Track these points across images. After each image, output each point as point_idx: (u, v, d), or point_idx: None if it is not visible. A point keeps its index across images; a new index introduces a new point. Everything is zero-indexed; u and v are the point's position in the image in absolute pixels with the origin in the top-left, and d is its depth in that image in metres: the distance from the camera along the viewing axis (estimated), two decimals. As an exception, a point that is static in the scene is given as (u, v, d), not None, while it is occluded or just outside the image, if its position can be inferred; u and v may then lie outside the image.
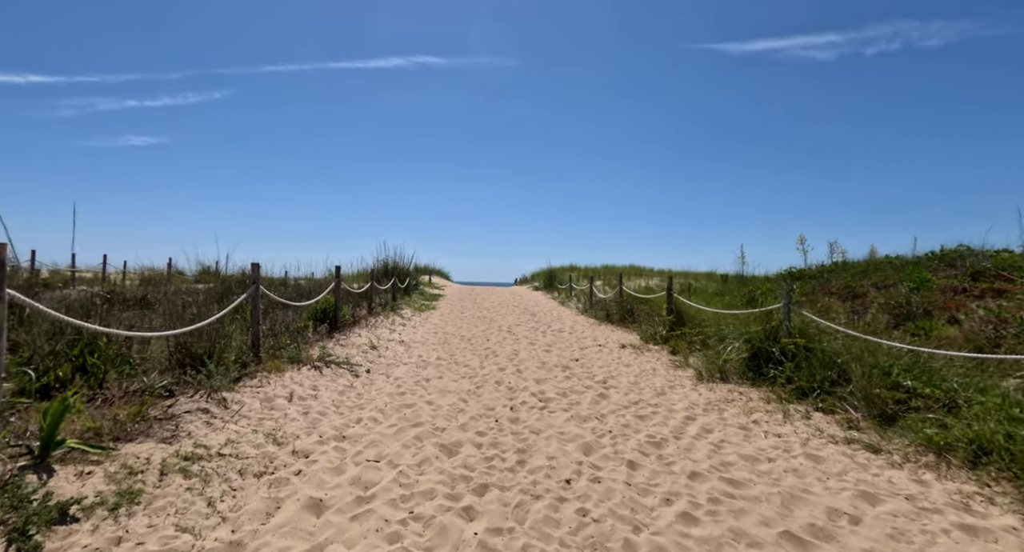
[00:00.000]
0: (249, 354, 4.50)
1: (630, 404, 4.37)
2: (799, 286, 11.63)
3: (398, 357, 6.18)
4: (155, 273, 19.37)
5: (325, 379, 4.65)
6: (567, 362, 6.20)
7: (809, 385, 4.32)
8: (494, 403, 4.31)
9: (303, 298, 9.63)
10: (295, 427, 3.36)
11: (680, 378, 5.40)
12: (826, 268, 12.80)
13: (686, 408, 4.26)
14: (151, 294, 8.46)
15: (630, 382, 5.20)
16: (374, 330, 7.83)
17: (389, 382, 4.90)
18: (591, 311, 11.74)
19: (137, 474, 2.29)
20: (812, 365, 4.47)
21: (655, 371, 5.77)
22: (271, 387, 4.08)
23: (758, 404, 4.28)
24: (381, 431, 3.44)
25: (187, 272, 18.31)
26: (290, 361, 4.85)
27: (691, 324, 7.30)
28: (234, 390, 3.78)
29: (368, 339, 6.96)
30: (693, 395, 4.69)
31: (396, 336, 7.66)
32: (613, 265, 26.08)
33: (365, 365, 5.46)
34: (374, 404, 4.10)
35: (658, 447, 3.35)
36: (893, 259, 10.97)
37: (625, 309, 9.89)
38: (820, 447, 3.31)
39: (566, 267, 26.89)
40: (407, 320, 9.58)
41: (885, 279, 9.35)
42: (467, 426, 3.67)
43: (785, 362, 4.77)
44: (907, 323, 6.70)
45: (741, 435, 3.58)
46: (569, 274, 20.88)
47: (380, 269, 13.97)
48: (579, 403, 4.38)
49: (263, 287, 10.18)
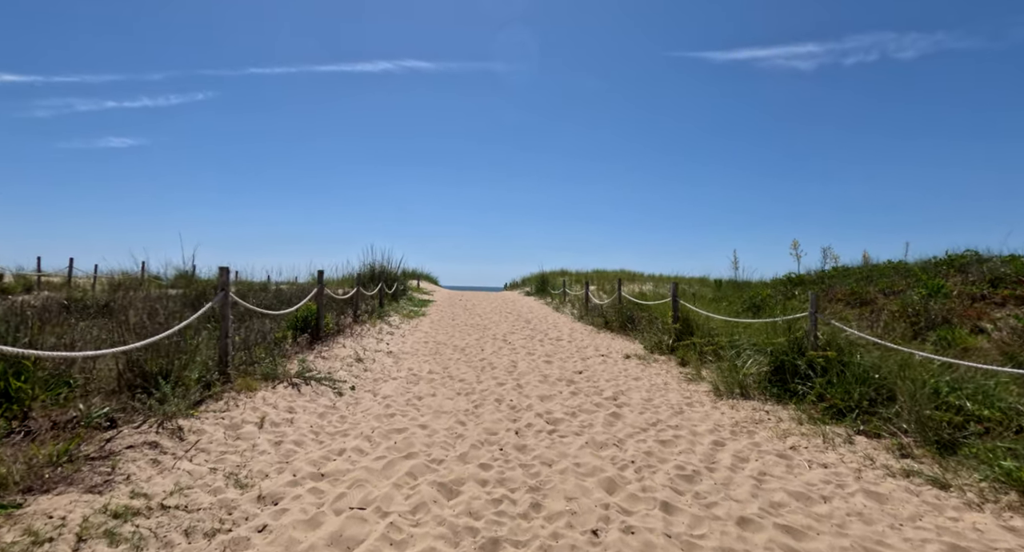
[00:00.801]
0: (216, 371, 3.93)
1: (648, 426, 3.91)
2: (800, 292, 11.33)
3: (386, 371, 5.64)
4: (128, 277, 18.49)
5: (303, 399, 4.11)
6: (570, 375, 5.72)
7: (845, 404, 3.90)
8: (496, 426, 3.81)
9: (284, 305, 9.03)
10: (264, 462, 2.83)
11: (696, 394, 4.95)
12: (826, 274, 12.55)
13: (711, 430, 3.80)
14: (116, 300, 7.80)
15: (643, 398, 4.74)
16: (360, 340, 7.28)
17: (376, 401, 4.36)
18: (588, 318, 11.30)
19: (43, 544, 1.74)
20: (847, 381, 4.05)
21: (667, 385, 5.32)
22: (239, 411, 3.53)
23: (790, 426, 3.85)
24: (367, 465, 2.92)
25: (163, 277, 17.44)
26: (264, 378, 4.30)
27: (700, 333, 6.89)
28: (194, 416, 3.22)
29: (353, 350, 6.41)
30: (715, 414, 4.24)
31: (384, 346, 7.12)
32: (604, 270, 25.77)
33: (349, 381, 4.92)
34: (359, 429, 3.57)
35: (691, 481, 2.88)
36: (897, 264, 10.73)
37: (625, 316, 9.46)
38: (877, 481, 2.87)
39: (557, 272, 26.51)
40: (395, 328, 9.03)
41: (892, 285, 9.06)
42: (468, 456, 3.17)
43: (814, 377, 4.36)
44: (927, 332, 6.37)
45: (782, 465, 3.13)
46: (562, 279, 20.47)
47: (367, 274, 13.38)
48: (591, 425, 3.90)
49: (236, 294, 9.53)
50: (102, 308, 7.22)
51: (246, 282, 13.58)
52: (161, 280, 17.00)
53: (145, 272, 18.24)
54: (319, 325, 6.52)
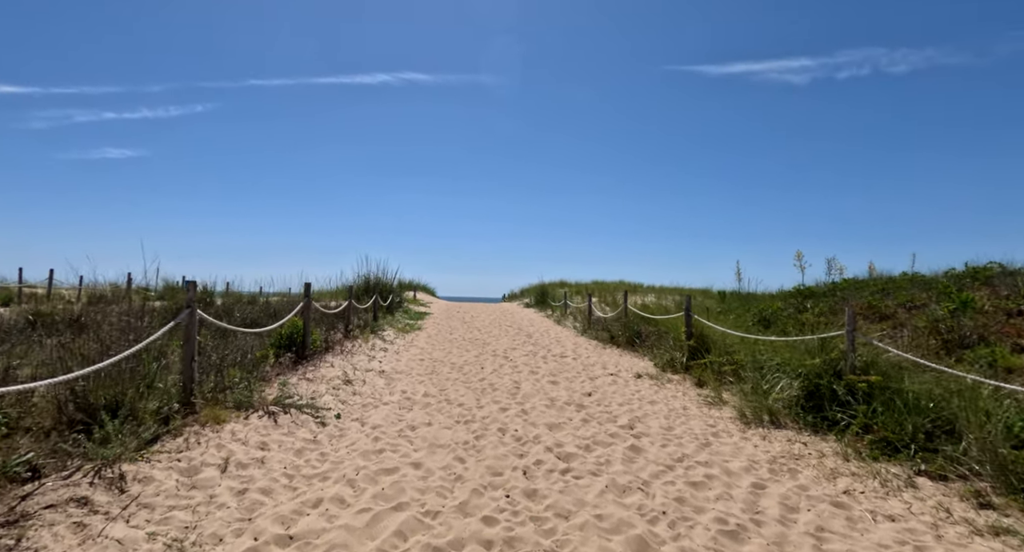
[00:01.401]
0: (178, 401, 3.43)
1: (673, 462, 3.42)
2: (813, 305, 10.89)
3: (377, 394, 5.14)
4: (116, 288, 17.90)
5: (280, 431, 3.60)
6: (579, 398, 5.23)
7: (897, 437, 3.42)
8: (501, 464, 3.31)
9: (272, 319, 8.52)
10: (220, 521, 2.32)
11: (720, 421, 4.47)
12: (837, 286, 12.13)
13: (747, 468, 3.31)
14: (88, 315, 7.28)
15: (662, 427, 4.25)
16: (350, 357, 6.77)
17: (364, 432, 3.86)
18: (591, 331, 10.82)
19: None
20: (897, 410, 3.58)
21: (686, 410, 4.83)
22: (200, 450, 3.02)
23: (837, 463, 3.36)
24: (348, 522, 2.42)
25: (153, 288, 16.87)
26: (236, 406, 3.79)
27: (716, 350, 6.42)
28: (143, 459, 2.72)
29: (342, 370, 5.90)
30: (747, 447, 3.75)
31: (376, 364, 6.61)
32: (603, 281, 25.35)
33: (335, 408, 4.41)
34: (342, 470, 3.07)
35: (738, 540, 2.39)
36: (913, 276, 10.33)
37: (632, 331, 8.98)
38: (963, 542, 2.39)
39: (556, 283, 26.07)
40: (389, 344, 8.52)
41: (912, 298, 8.64)
42: (468, 506, 2.67)
43: (855, 404, 3.89)
44: (960, 351, 5.92)
45: (841, 518, 2.64)
46: (563, 290, 20.02)
47: (360, 286, 12.89)
48: (609, 462, 3.41)
49: (222, 308, 9.01)
50: (72, 323, 6.70)
51: (235, 294, 13.07)
52: (150, 291, 16.45)
53: (132, 284, 17.70)
54: (305, 343, 6.02)
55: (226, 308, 9.39)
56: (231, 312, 9.17)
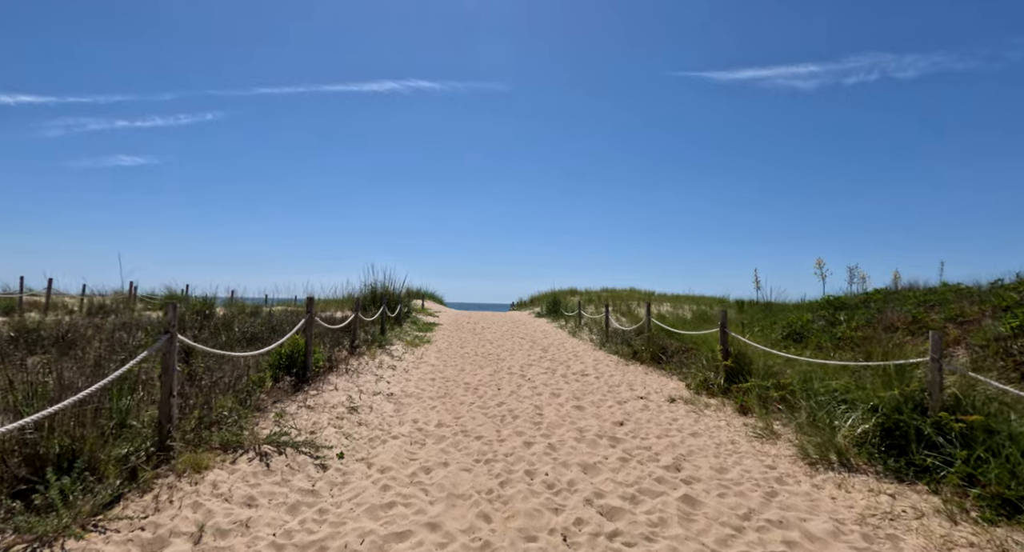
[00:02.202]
0: (153, 445, 2.91)
1: (740, 521, 2.84)
2: (846, 318, 10.25)
3: (386, 424, 4.59)
4: (120, 296, 17.58)
5: (272, 480, 3.07)
6: (611, 428, 4.66)
7: (1015, 494, 2.82)
8: (535, 524, 2.75)
9: (274, 333, 8.03)
10: (184, 626, 1.78)
11: (778, 459, 3.87)
12: (870, 296, 11.47)
13: (833, 533, 2.72)
14: (77, 330, 6.82)
15: (714, 468, 3.67)
16: (356, 378, 6.24)
17: (370, 478, 3.31)
18: (610, 345, 10.23)
19: None
20: (1012, 459, 2.98)
21: (735, 445, 4.24)
22: (171, 512, 2.49)
23: (944, 527, 2.77)
24: (349, 622, 1.87)
25: (157, 296, 16.53)
26: (223, 447, 3.27)
27: (757, 371, 5.82)
28: (98, 527, 2.19)
29: (347, 394, 5.37)
30: (823, 499, 3.16)
31: (384, 386, 6.07)
32: (614, 289, 24.73)
33: (337, 444, 3.87)
34: (343, 538, 2.52)
35: None
36: (958, 287, 9.65)
37: (657, 346, 8.39)
38: None
39: (566, 291, 25.49)
40: (398, 360, 7.98)
41: (962, 312, 7.99)
42: (501, 595, 2.11)
43: (948, 447, 3.29)
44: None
45: (982, 615, 2.05)
46: (577, 299, 19.45)
47: (367, 296, 12.41)
48: (664, 521, 2.84)
49: (222, 321, 8.52)
50: (59, 340, 6.24)
51: (238, 304, 12.63)
52: (155, 300, 16.09)
53: (135, 292, 17.36)
54: (307, 363, 5.50)
55: (226, 321, 8.92)
56: (231, 325, 8.70)
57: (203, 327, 8.23)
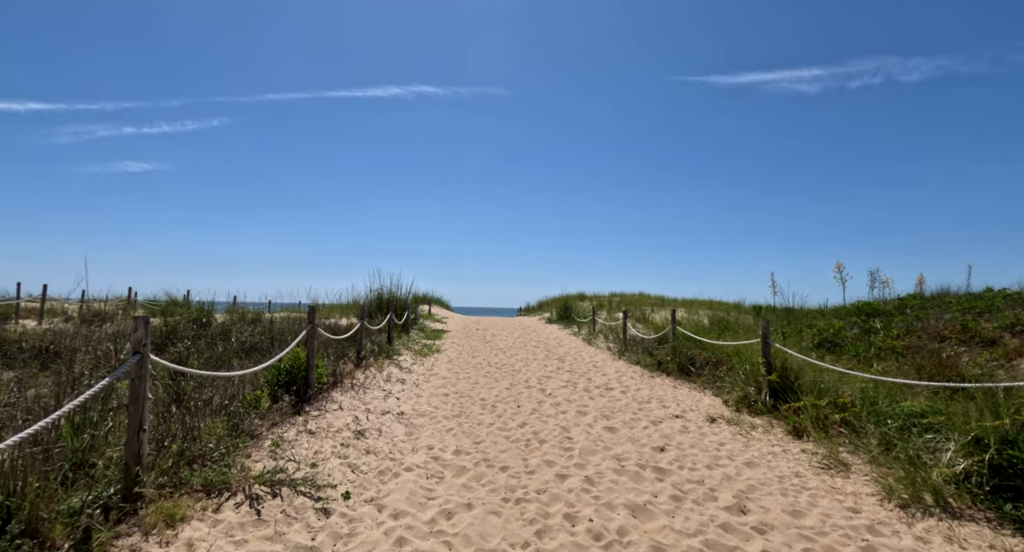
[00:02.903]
0: (118, 489, 2.37)
1: (844, 591, 2.26)
2: (882, 325, 9.63)
3: (397, 452, 4.04)
4: (121, 303, 17.11)
5: (263, 533, 2.52)
6: (651, 455, 4.09)
7: None
8: (588, 598, 2.19)
9: (273, 343, 7.51)
10: None
11: (860, 500, 3.29)
12: (906, 302, 10.84)
13: (967, 609, 2.15)
14: (61, 341, 6.32)
15: (786, 511, 3.09)
16: (362, 394, 5.70)
17: (382, 527, 2.76)
18: (630, 355, 9.65)
19: None
20: None
21: (800, 478, 3.66)
22: (131, 590, 1.95)
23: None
24: None
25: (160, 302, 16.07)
26: (205, 488, 2.73)
27: (806, 387, 5.24)
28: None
29: (352, 414, 4.82)
30: (935, 558, 2.58)
31: (393, 404, 5.53)
32: (624, 293, 24.11)
33: (342, 481, 3.31)
34: (350, 620, 1.97)
35: None
36: (1006, 292, 9.02)
37: (684, 357, 7.80)
38: None
39: (575, 295, 24.89)
40: (407, 372, 7.44)
41: (1018, 320, 7.36)
42: None
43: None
44: None
45: None
46: (590, 305, 18.87)
47: (373, 302, 11.89)
48: (748, 591, 2.27)
49: (220, 329, 8.01)
50: (40, 352, 5.74)
51: (240, 310, 12.14)
52: (156, 305, 15.61)
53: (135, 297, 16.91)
54: (308, 379, 4.96)
55: (224, 330, 8.41)
56: (228, 335, 8.19)
57: (199, 337, 7.73)
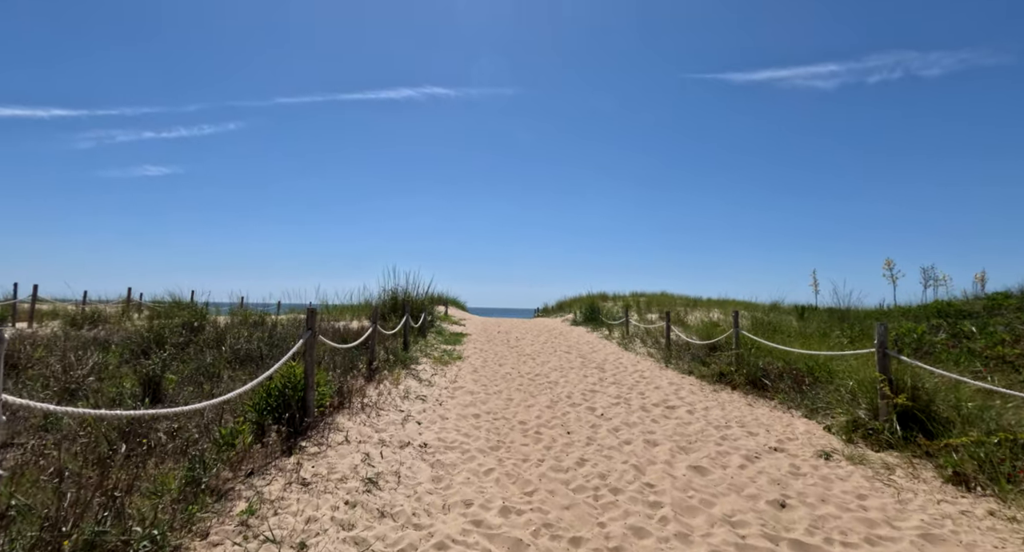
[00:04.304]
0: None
1: None
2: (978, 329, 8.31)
3: (422, 515, 2.92)
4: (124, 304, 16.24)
5: None
6: (772, 514, 2.93)
7: None
8: None
9: (272, 350, 6.47)
10: None
11: None
12: (998, 301, 9.49)
13: None
14: (27, 348, 5.34)
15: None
16: (375, 417, 4.61)
17: None
18: (678, 362, 8.45)
19: None
20: None
21: (1018, 563, 2.47)
22: None
23: None
24: None
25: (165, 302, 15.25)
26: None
27: (944, 412, 4.02)
28: None
29: (362, 452, 3.71)
30: None
31: (413, 430, 4.42)
32: (644, 292, 22.81)
33: (345, 574, 2.21)
34: None
35: None
36: None
37: (754, 368, 6.58)
38: None
39: (595, 295, 23.67)
40: (427, 385, 6.35)
41: None
42: None
43: None
44: None
45: None
46: (618, 305, 17.65)
47: (388, 303, 10.84)
48: None
49: (203, 337, 6.99)
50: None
51: (243, 312, 11.19)
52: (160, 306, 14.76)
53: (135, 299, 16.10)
54: (306, 402, 3.88)
55: (219, 335, 7.40)
56: (223, 340, 7.18)
57: (188, 344, 6.72)
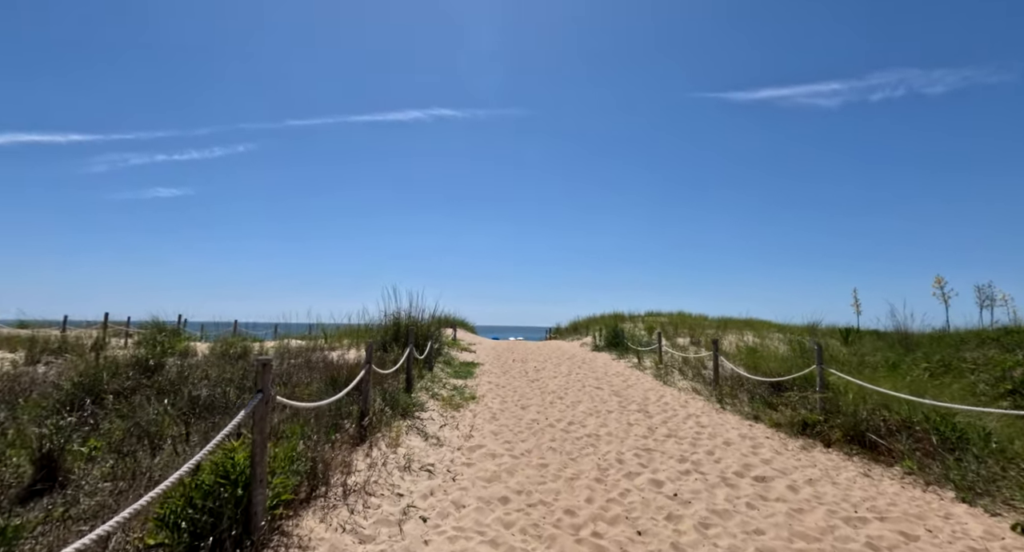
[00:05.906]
0: None
1: None
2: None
3: None
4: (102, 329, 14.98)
5: None
6: None
7: None
8: None
9: (244, 396, 5.15)
10: None
11: None
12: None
13: None
14: None
15: None
16: (361, 512, 3.22)
17: None
18: (736, 403, 7.00)
19: None
20: None
21: None
22: None
23: None
24: None
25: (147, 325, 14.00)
26: None
27: None
28: None
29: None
30: None
31: (415, 539, 3.02)
32: (660, 312, 21.34)
33: None
34: None
35: None
36: None
37: (855, 418, 5.12)
38: None
39: (609, 315, 22.24)
40: (434, 444, 4.96)
41: None
42: None
43: None
44: None
45: None
46: (639, 327, 16.21)
47: (390, 329, 9.51)
48: None
49: (163, 374, 5.83)
50: None
51: (226, 341, 9.93)
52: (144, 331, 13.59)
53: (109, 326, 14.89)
54: (251, 507, 2.52)
55: (182, 373, 6.09)
56: (186, 379, 5.85)
57: (135, 390, 5.39)
